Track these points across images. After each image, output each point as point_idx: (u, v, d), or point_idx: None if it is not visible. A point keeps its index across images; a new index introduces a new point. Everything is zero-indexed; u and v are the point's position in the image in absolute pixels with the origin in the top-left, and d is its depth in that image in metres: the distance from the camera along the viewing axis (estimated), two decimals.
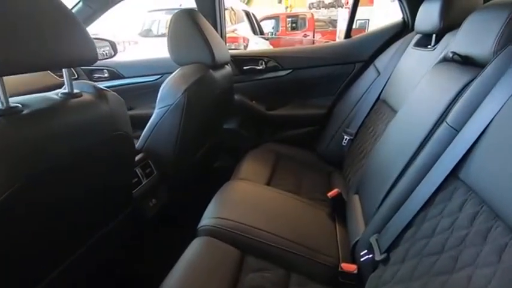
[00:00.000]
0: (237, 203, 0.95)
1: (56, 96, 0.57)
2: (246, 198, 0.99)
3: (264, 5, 10.43)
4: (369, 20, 7.26)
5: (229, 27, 3.73)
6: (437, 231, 0.53)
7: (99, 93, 0.63)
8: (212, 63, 1.09)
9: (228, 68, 1.32)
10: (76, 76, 1.74)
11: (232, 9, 3.84)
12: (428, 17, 0.95)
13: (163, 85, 1.03)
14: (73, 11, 1.51)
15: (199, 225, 0.86)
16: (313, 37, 7.80)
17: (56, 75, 1.63)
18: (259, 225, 0.85)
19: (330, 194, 1.02)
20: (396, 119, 0.85)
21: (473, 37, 0.65)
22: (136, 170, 0.99)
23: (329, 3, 11.70)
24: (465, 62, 0.66)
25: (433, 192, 0.56)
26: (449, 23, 0.87)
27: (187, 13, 1.07)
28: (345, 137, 1.34)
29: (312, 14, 8.80)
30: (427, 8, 0.96)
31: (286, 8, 10.89)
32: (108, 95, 0.65)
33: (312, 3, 11.78)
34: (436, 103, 0.66)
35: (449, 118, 0.59)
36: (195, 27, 1.05)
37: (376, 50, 1.38)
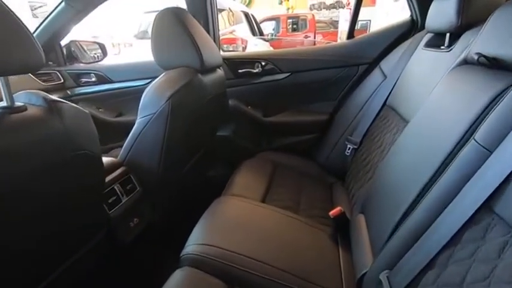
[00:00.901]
0: (226, 225, 0.85)
1: None
2: (237, 219, 0.88)
3: (264, 6, 10.36)
4: (370, 20, 7.14)
5: (227, 28, 3.64)
6: (468, 280, 0.41)
7: (51, 106, 0.53)
8: (201, 67, 0.99)
9: (220, 72, 1.21)
10: (62, 81, 1.64)
11: (231, 10, 3.74)
12: (442, 14, 0.85)
13: (145, 91, 0.93)
14: (56, 11, 1.42)
15: (182, 253, 0.75)
16: (314, 38, 7.70)
17: (40, 79, 1.54)
18: (250, 253, 0.74)
19: (332, 213, 0.91)
20: (409, 130, 0.74)
21: (503, 36, 0.54)
22: (115, 187, 0.89)
23: (330, 4, 11.66)
24: (494, 65, 0.55)
25: (461, 227, 0.45)
26: (468, 20, 0.76)
27: (173, 12, 0.97)
28: (348, 146, 1.23)
29: (313, 15, 8.72)
30: (441, 4, 0.85)
31: (288, 9, 10.82)
32: (63, 108, 0.55)
33: (313, 5, 11.73)
34: (460, 114, 0.55)
35: (479, 135, 0.48)
36: (181, 27, 0.95)
37: (382, 51, 1.27)
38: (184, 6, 1.37)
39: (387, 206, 0.70)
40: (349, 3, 10.96)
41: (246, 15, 4.31)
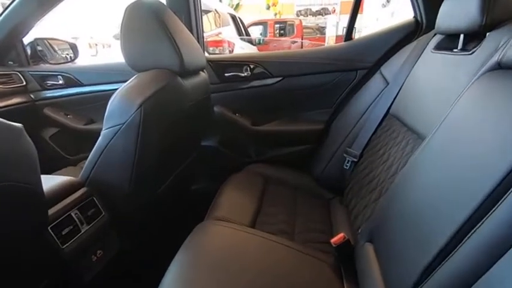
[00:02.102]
0: (209, 261, 0.69)
1: None
2: (222, 252, 0.73)
3: (251, 11, 10.33)
4: (355, 28, 7.18)
5: (213, 30, 3.50)
6: None
7: None
8: (180, 69, 0.84)
9: (203, 75, 1.07)
10: (24, 83, 1.45)
11: (217, 12, 3.61)
12: (459, 13, 0.74)
13: (112, 98, 0.77)
14: (15, 2, 1.23)
15: None
16: (302, 43, 7.68)
17: None
18: None
19: (334, 240, 0.78)
20: (428, 149, 0.62)
21: None
22: (72, 214, 0.72)
23: (316, 11, 11.85)
24: None
25: None
26: (493, 19, 0.65)
27: (147, 4, 0.82)
28: (347, 158, 1.10)
29: (300, 20, 8.76)
30: (457, 2, 0.75)
31: (275, 14, 10.86)
32: None
33: (300, 11, 11.90)
34: (506, 134, 0.43)
35: None
36: (156, 21, 0.80)
37: (383, 54, 1.16)
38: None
39: (408, 241, 0.57)
40: (334, 10, 11.14)
41: (233, 17, 4.19)
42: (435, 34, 0.92)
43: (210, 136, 1.36)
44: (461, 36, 0.76)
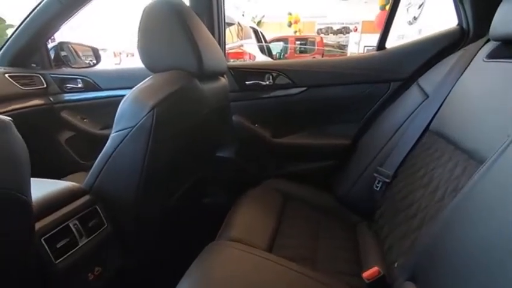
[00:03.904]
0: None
1: None
2: (233, 280, 0.63)
3: (273, 29, 10.52)
4: None
5: (235, 42, 3.50)
6: None
7: None
8: (198, 71, 0.77)
9: (223, 81, 1.00)
10: (45, 86, 1.44)
11: (239, 25, 3.63)
12: None
13: (124, 99, 0.71)
14: (40, 6, 1.24)
15: None
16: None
17: (18, 82, 1.34)
18: None
19: (366, 275, 0.65)
20: (494, 176, 0.50)
21: None
22: (70, 225, 0.65)
23: (337, 29, 11.90)
24: None
25: None
26: None
27: (168, 2, 0.77)
28: (378, 178, 0.98)
29: (321, 37, 8.78)
30: None
31: (295, 32, 10.98)
32: None
33: (321, 29, 11.97)
34: None
35: None
36: (176, 19, 0.75)
37: (421, 65, 1.06)
38: None
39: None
40: (356, 29, 11.14)
41: (255, 31, 4.21)
42: (487, 42, 0.81)
43: (226, 147, 1.28)
44: None
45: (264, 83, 1.25)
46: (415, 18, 4.73)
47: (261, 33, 4.51)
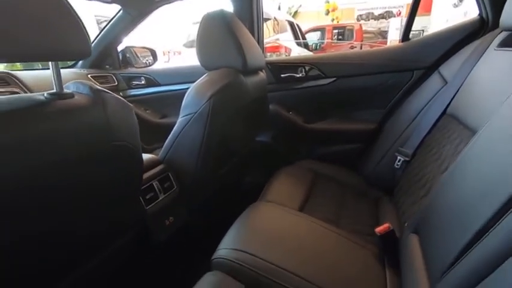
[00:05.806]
0: (260, 232, 0.80)
1: (41, 97, 0.48)
2: (271, 226, 0.83)
3: (310, 18, 10.35)
4: (423, 30, 6.66)
5: (271, 37, 3.67)
6: None
7: (95, 95, 0.54)
8: (243, 68, 0.97)
9: (262, 75, 1.19)
10: (116, 83, 1.76)
11: (276, 19, 3.77)
12: None
13: (188, 91, 0.93)
14: (114, 19, 1.53)
15: (213, 257, 0.72)
16: (361, 48, 7.44)
17: (97, 81, 1.66)
18: (284, 264, 0.68)
19: (378, 229, 0.81)
20: (478, 141, 0.63)
21: None
22: (154, 184, 0.90)
23: (379, 14, 11.25)
24: None
25: None
26: None
27: (219, 14, 0.97)
28: (399, 157, 1.11)
29: (360, 25, 8.48)
30: None
31: (332, 20, 10.68)
32: (106, 97, 0.55)
33: (361, 15, 11.43)
34: None
35: None
36: (226, 27, 0.95)
37: (442, 54, 1.14)
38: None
39: (451, 227, 0.59)
40: (400, 13, 10.47)
41: (291, 24, 4.31)
42: (501, 31, 0.89)
43: (264, 132, 1.47)
44: None
45: (297, 75, 1.41)
46: (460, 0, 4.44)
47: (297, 25, 4.59)
